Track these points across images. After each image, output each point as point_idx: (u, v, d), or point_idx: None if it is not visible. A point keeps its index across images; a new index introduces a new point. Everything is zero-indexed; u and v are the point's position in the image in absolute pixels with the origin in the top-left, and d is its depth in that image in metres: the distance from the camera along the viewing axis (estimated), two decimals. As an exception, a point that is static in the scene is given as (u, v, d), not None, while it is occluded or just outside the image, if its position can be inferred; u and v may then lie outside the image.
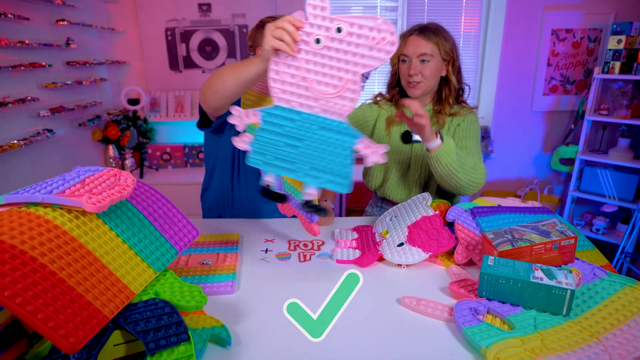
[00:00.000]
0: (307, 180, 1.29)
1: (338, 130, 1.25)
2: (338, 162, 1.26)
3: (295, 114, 1.27)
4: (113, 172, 1.17)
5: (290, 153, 1.29)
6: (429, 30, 1.74)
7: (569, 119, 4.10)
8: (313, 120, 1.26)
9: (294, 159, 1.29)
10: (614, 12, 3.78)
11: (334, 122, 1.25)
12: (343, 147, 1.25)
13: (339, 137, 1.25)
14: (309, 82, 1.24)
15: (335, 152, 1.26)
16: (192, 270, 1.43)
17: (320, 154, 1.27)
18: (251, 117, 1.30)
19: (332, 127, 1.25)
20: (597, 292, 1.15)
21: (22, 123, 2.82)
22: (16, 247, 0.85)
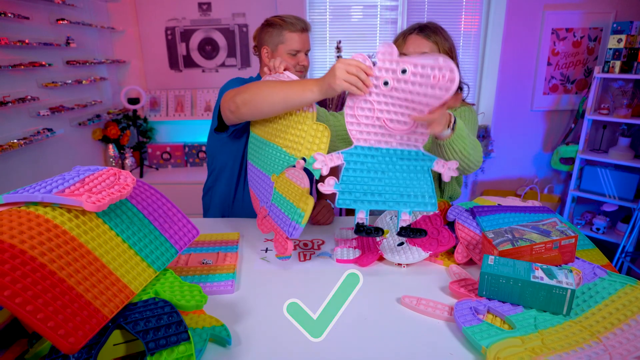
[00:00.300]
0: (398, 207, 1.40)
1: (415, 158, 1.38)
2: (421, 185, 1.39)
3: (374, 150, 1.39)
4: (113, 171, 1.17)
5: (377, 186, 1.39)
6: (428, 29, 1.73)
7: (569, 118, 4.10)
8: (392, 154, 1.39)
9: (381, 191, 1.39)
10: (614, 12, 3.78)
11: (411, 152, 1.39)
12: (422, 171, 1.39)
13: (417, 164, 1.39)
14: (382, 121, 1.35)
15: (417, 177, 1.39)
16: (192, 270, 1.43)
17: (404, 181, 1.39)
18: (335, 161, 1.38)
19: (410, 156, 1.39)
20: (598, 292, 1.15)
21: (22, 122, 2.82)
22: (16, 247, 0.84)
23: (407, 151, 1.38)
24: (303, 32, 1.87)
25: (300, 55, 1.89)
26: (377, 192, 1.40)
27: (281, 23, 1.88)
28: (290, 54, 1.88)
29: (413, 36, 1.74)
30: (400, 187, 1.39)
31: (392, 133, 1.36)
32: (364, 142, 1.39)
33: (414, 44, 1.73)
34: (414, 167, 1.39)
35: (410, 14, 3.97)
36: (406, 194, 1.39)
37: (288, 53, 1.88)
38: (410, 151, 1.38)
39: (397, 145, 1.38)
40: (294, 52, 1.87)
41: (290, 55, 1.89)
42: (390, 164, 1.39)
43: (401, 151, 1.39)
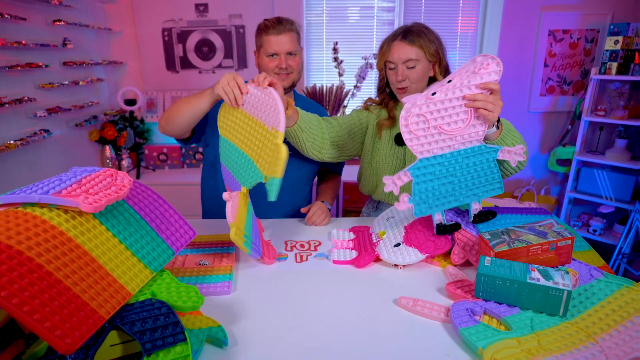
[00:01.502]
0: (469, 200, 1.49)
1: (480, 153, 1.47)
2: (487, 174, 1.49)
3: (439, 157, 1.46)
4: (110, 172, 1.17)
5: (449, 189, 1.47)
6: (412, 34, 1.73)
7: (565, 119, 4.11)
8: (456, 155, 1.46)
9: (452, 191, 1.48)
10: (611, 13, 3.79)
11: (474, 148, 1.46)
12: (488, 162, 1.48)
13: (482, 157, 1.47)
14: (438, 128, 1.43)
15: (484, 169, 1.48)
16: (188, 271, 1.43)
17: (472, 176, 1.48)
18: (403, 179, 1.44)
19: (474, 152, 1.46)
20: (594, 293, 1.15)
21: (18, 123, 2.81)
22: (13, 248, 0.84)
23: (471, 148, 1.46)
24: (280, 34, 1.84)
25: (279, 58, 1.86)
26: (448, 194, 1.48)
27: (262, 27, 1.88)
28: (269, 56, 1.87)
29: (397, 42, 1.74)
30: (470, 183, 1.48)
31: (452, 135, 1.43)
32: (427, 153, 1.46)
33: (399, 51, 1.72)
34: (480, 162, 1.47)
35: (407, 15, 3.97)
36: (475, 187, 1.48)
37: (267, 56, 1.87)
38: (474, 147, 1.46)
39: (459, 146, 1.46)
40: (271, 54, 1.86)
41: (269, 57, 1.87)
42: (457, 165, 1.46)
43: (464, 150, 1.46)
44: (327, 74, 4.13)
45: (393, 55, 1.74)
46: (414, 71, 1.73)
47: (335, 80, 3.95)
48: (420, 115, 1.42)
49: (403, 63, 1.73)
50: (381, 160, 1.91)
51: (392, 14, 3.98)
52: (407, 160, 1.87)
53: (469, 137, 1.44)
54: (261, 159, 1.42)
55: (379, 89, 1.94)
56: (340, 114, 3.92)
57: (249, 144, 1.49)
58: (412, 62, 1.72)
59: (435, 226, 1.49)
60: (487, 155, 1.46)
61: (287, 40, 1.84)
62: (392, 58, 1.74)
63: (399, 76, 1.74)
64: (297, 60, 1.90)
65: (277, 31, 1.82)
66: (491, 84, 1.39)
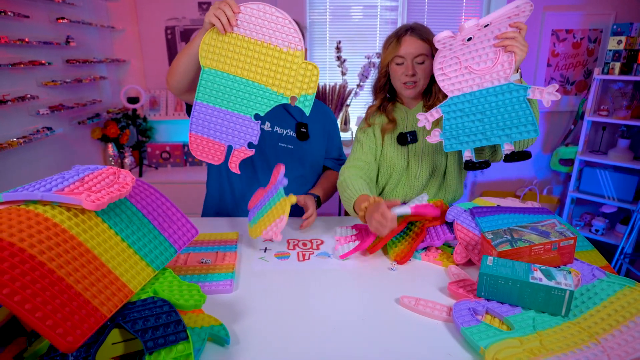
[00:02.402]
0: (501, 141, 1.50)
1: (508, 90, 1.46)
2: (519, 115, 1.46)
3: (469, 95, 1.51)
4: (112, 170, 1.17)
5: (479, 126, 1.51)
6: (420, 30, 1.73)
7: (568, 119, 4.10)
8: (485, 94, 1.49)
9: (483, 130, 1.51)
10: (614, 13, 3.78)
11: (503, 86, 1.47)
12: (518, 101, 1.45)
13: (512, 96, 1.46)
14: (469, 68, 1.48)
15: (514, 108, 1.46)
16: (190, 269, 1.43)
17: (503, 115, 1.48)
18: (435, 115, 1.54)
19: (503, 90, 1.47)
20: (596, 293, 1.15)
21: (21, 121, 2.81)
22: (15, 245, 0.84)
23: (499, 86, 1.47)
24: None
25: None
26: (479, 132, 1.52)
27: None
28: None
29: (407, 37, 1.73)
30: (500, 122, 1.49)
31: (480, 74, 1.47)
32: (457, 91, 1.52)
33: (411, 46, 1.71)
34: (510, 100, 1.46)
35: (410, 14, 3.97)
36: (507, 127, 1.48)
37: None
38: (502, 85, 1.46)
39: (488, 84, 1.48)
40: None
41: None
42: (486, 103, 1.49)
43: (492, 88, 1.48)
44: (330, 72, 4.13)
45: (404, 49, 1.72)
46: (423, 67, 1.72)
47: (338, 79, 3.95)
48: (453, 57, 1.49)
49: (414, 58, 1.72)
50: (388, 164, 1.91)
51: (395, 13, 3.97)
52: (411, 159, 1.87)
53: (497, 76, 1.46)
54: (280, 81, 1.45)
55: (378, 88, 1.91)
56: (343, 113, 3.92)
57: (254, 68, 1.47)
58: (422, 57, 1.71)
59: (464, 162, 1.57)
60: (516, 93, 1.45)
61: None
62: (403, 52, 1.73)
63: (409, 71, 1.73)
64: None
65: None
66: (520, 23, 1.44)
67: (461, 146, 1.55)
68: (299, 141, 2.01)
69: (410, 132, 1.84)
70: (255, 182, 1.99)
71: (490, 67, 1.46)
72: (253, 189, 1.91)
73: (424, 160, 1.88)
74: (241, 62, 1.48)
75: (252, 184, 1.99)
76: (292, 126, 2.01)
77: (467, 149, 1.55)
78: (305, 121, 2.02)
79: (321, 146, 2.10)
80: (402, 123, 1.87)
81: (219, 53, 1.49)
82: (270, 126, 1.99)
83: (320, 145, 2.10)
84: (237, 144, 1.57)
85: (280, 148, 2.00)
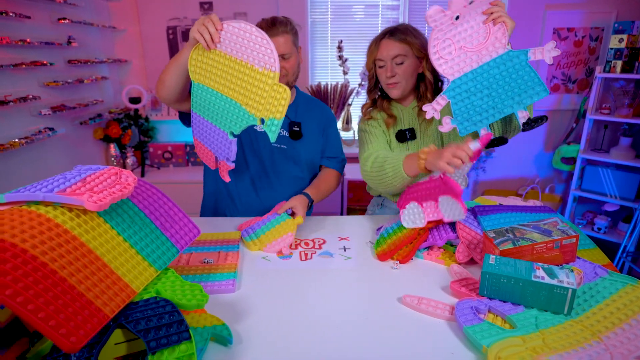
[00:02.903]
0: (514, 110, 1.48)
1: (509, 59, 1.46)
2: (526, 79, 1.45)
3: (470, 74, 1.50)
4: (114, 170, 1.17)
5: (488, 102, 1.50)
6: (398, 32, 1.77)
7: (570, 117, 4.09)
8: (486, 68, 1.48)
9: (493, 104, 1.50)
10: (615, 11, 3.77)
11: (502, 56, 1.47)
12: (521, 66, 1.45)
13: (513, 63, 1.46)
14: (463, 48, 1.49)
15: (519, 74, 1.46)
16: (193, 269, 1.43)
17: (509, 84, 1.47)
18: (441, 103, 1.53)
19: (503, 60, 1.47)
20: (599, 291, 1.15)
21: (23, 121, 2.82)
22: (17, 246, 0.85)
23: (499, 57, 1.47)
24: (274, 37, 1.78)
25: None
26: (491, 107, 1.50)
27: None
28: None
29: (385, 40, 1.79)
30: (508, 91, 1.47)
31: (476, 51, 1.48)
32: (458, 73, 1.51)
33: (387, 48, 1.77)
34: (513, 67, 1.46)
35: (412, 13, 3.97)
36: (516, 94, 1.47)
37: None
38: (502, 55, 1.47)
39: (487, 58, 1.48)
40: None
41: None
42: (490, 77, 1.48)
43: (494, 60, 1.48)
44: (332, 72, 4.13)
45: (382, 52, 1.78)
46: (403, 67, 1.77)
47: (340, 78, 3.95)
48: (446, 40, 1.49)
49: (392, 59, 1.77)
50: None
51: (396, 12, 3.97)
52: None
53: (494, 48, 1.47)
54: (252, 101, 1.42)
55: (368, 90, 1.96)
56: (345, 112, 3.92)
57: (232, 86, 1.47)
58: (400, 57, 1.75)
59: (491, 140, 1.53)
60: (517, 59, 1.45)
61: (281, 43, 1.80)
62: (381, 55, 1.79)
63: (388, 72, 1.78)
64: (291, 62, 1.86)
65: (271, 34, 1.77)
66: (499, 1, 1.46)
67: (475, 126, 1.53)
68: (292, 140, 2.00)
69: (408, 129, 1.85)
70: (250, 183, 2.01)
71: (484, 42, 1.47)
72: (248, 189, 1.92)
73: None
74: (222, 79, 1.49)
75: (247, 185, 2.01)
76: (285, 125, 2.01)
77: (482, 127, 1.53)
78: (299, 120, 2.01)
79: (316, 145, 2.08)
80: (399, 120, 1.89)
81: (204, 68, 1.53)
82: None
83: (315, 143, 2.08)
84: (220, 156, 1.60)
85: (273, 148, 1.99)
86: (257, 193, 2.02)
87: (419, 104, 1.85)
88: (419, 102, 1.85)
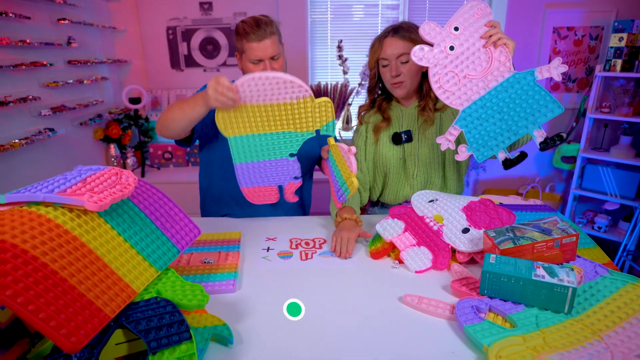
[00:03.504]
0: (528, 130, 1.49)
1: (516, 82, 1.46)
2: (537, 98, 1.45)
3: (479, 101, 1.50)
4: (114, 171, 1.17)
5: (502, 126, 1.50)
6: (402, 30, 1.75)
7: (570, 116, 4.09)
8: (494, 93, 1.48)
9: (507, 127, 1.50)
10: (615, 10, 3.77)
11: (509, 79, 1.46)
12: (530, 87, 1.45)
13: (521, 85, 1.45)
14: (467, 77, 1.48)
15: (529, 94, 1.46)
16: (193, 269, 1.43)
17: (521, 105, 1.47)
18: (454, 134, 1.54)
19: (511, 83, 1.46)
20: (599, 290, 1.15)
21: (23, 122, 2.82)
22: (18, 247, 0.85)
23: (506, 81, 1.46)
24: (262, 40, 1.78)
25: (264, 63, 1.82)
26: (505, 130, 1.51)
27: (242, 31, 1.82)
28: (253, 63, 1.83)
29: (388, 39, 1.77)
30: (521, 113, 1.47)
31: (482, 77, 1.47)
32: (467, 102, 1.51)
33: (391, 46, 1.75)
34: (521, 89, 1.46)
35: (412, 13, 3.96)
36: (530, 115, 1.47)
37: (250, 62, 1.83)
38: (508, 79, 1.46)
39: (494, 84, 1.47)
40: (255, 61, 1.82)
41: (254, 64, 1.83)
42: (500, 101, 1.48)
43: (501, 85, 1.47)
44: (332, 71, 4.13)
45: (385, 51, 1.77)
46: (407, 66, 1.75)
47: (340, 78, 3.94)
48: (448, 73, 1.48)
49: (396, 58, 1.75)
50: (383, 163, 1.92)
51: (396, 12, 3.97)
52: (407, 158, 1.88)
53: (499, 72, 1.46)
54: (300, 123, 1.53)
55: (369, 90, 1.95)
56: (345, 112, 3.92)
57: (275, 122, 1.55)
58: (405, 56, 1.73)
59: (502, 163, 1.57)
60: (524, 80, 1.45)
61: (269, 45, 1.80)
62: (385, 54, 1.77)
63: (393, 71, 1.76)
64: (280, 62, 1.87)
65: (259, 37, 1.78)
66: (494, 21, 1.46)
67: (492, 151, 1.55)
68: None
69: (405, 132, 1.85)
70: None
71: (487, 68, 1.46)
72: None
73: (421, 160, 1.88)
74: (259, 121, 1.55)
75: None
76: None
77: (500, 151, 1.54)
78: None
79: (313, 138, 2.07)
80: (397, 122, 1.89)
81: (236, 122, 1.56)
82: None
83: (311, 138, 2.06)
84: (285, 182, 1.69)
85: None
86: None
87: (420, 103, 1.85)
88: (421, 102, 1.84)
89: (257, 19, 1.82)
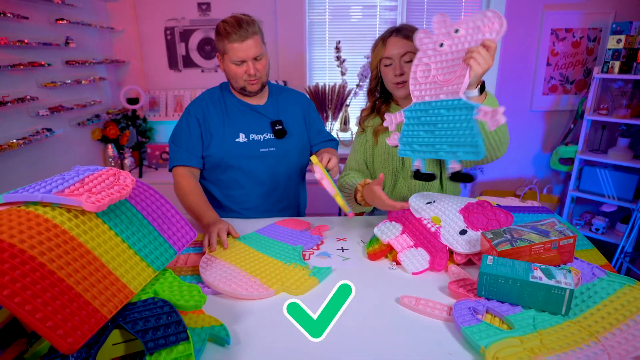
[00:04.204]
0: (448, 157, 1.43)
1: (459, 107, 1.40)
2: (467, 134, 1.37)
3: (427, 104, 1.48)
4: (112, 171, 1.17)
5: (430, 139, 1.47)
6: (405, 29, 1.75)
7: (568, 118, 4.10)
8: (439, 106, 1.44)
9: (433, 142, 1.46)
10: (613, 12, 3.78)
11: (454, 101, 1.41)
12: (467, 120, 1.37)
13: (461, 113, 1.39)
14: (436, 77, 1.46)
15: (462, 126, 1.39)
16: (191, 270, 1.43)
17: (451, 132, 1.41)
18: (399, 118, 1.54)
19: (454, 105, 1.41)
20: (596, 292, 1.15)
21: (21, 122, 2.82)
22: (15, 246, 0.85)
23: (452, 100, 1.42)
24: (244, 40, 1.77)
25: (247, 64, 1.81)
26: (430, 144, 1.47)
27: (223, 32, 1.80)
28: (235, 64, 1.82)
29: (392, 38, 1.76)
30: (448, 138, 1.42)
31: (441, 86, 1.44)
32: (420, 98, 1.50)
33: (395, 46, 1.75)
34: (459, 117, 1.40)
35: (410, 14, 3.97)
36: (455, 144, 1.41)
37: (233, 63, 1.82)
38: (453, 100, 1.42)
39: (442, 97, 1.44)
40: (238, 62, 1.81)
41: (236, 65, 1.82)
42: (439, 116, 1.45)
43: (445, 101, 1.43)
44: (330, 73, 4.13)
45: (389, 50, 1.76)
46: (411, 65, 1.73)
47: (338, 79, 3.95)
48: (427, 65, 1.48)
49: (400, 58, 1.75)
50: (381, 166, 1.92)
51: (394, 13, 3.97)
52: (406, 160, 1.88)
53: (452, 89, 1.42)
54: (286, 281, 1.39)
55: (369, 92, 1.95)
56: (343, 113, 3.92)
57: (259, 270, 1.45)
58: (409, 55, 1.73)
59: (413, 171, 1.54)
60: (465, 110, 1.37)
61: (252, 45, 1.78)
62: (389, 53, 1.76)
63: (397, 70, 1.76)
64: (263, 62, 1.86)
65: (241, 37, 1.76)
66: (487, 41, 1.37)
67: (412, 155, 1.52)
68: (278, 140, 1.99)
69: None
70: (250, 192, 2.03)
71: (450, 80, 1.42)
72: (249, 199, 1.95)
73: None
74: (247, 262, 1.50)
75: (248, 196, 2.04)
76: (267, 128, 1.98)
77: (417, 159, 1.52)
78: (280, 117, 2.00)
79: (303, 136, 2.08)
80: None
81: (223, 252, 1.57)
82: (246, 136, 1.95)
83: (301, 135, 2.07)
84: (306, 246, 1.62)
85: (261, 154, 1.97)
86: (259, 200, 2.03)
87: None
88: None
89: (239, 19, 1.81)
